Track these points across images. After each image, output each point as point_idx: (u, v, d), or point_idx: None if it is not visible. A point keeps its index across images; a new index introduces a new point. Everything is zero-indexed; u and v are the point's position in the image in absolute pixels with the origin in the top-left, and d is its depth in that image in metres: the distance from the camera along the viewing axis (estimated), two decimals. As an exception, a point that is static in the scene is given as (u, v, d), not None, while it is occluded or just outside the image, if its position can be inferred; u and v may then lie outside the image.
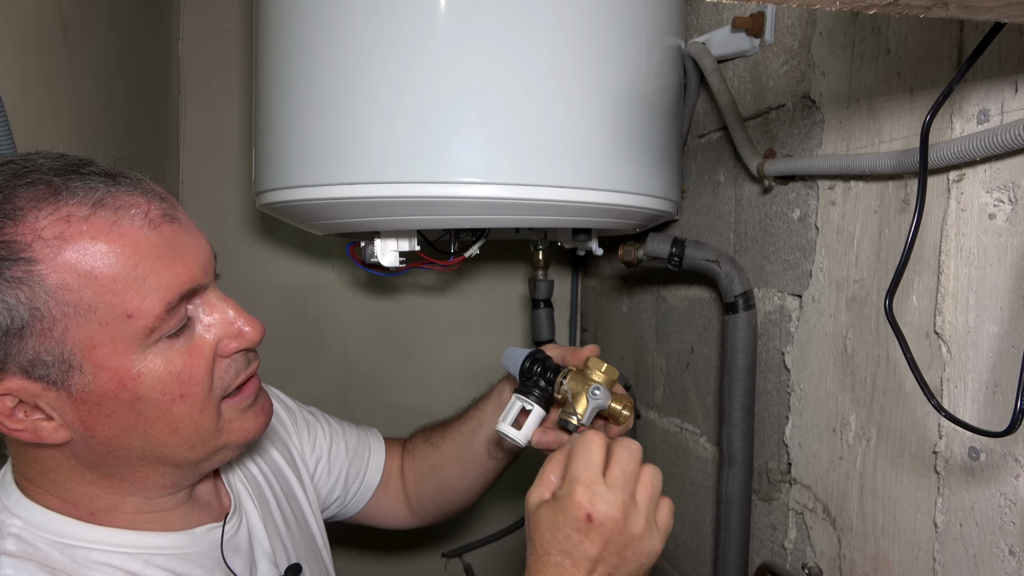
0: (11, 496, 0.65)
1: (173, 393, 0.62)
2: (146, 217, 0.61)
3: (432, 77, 0.94)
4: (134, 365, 0.60)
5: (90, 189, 0.59)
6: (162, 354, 0.61)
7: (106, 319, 0.58)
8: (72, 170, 0.60)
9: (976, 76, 0.68)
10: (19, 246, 0.56)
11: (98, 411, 0.61)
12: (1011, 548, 0.66)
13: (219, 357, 0.66)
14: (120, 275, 0.58)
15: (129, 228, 0.59)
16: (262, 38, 1.07)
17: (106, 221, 0.59)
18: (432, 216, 1.02)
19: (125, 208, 0.60)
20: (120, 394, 0.60)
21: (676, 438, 1.32)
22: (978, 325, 0.69)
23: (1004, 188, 0.67)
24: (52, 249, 0.57)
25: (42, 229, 0.57)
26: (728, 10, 1.10)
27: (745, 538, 1.03)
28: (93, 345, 0.59)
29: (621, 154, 1.01)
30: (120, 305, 0.58)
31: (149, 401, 0.61)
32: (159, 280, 0.60)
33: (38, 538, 0.63)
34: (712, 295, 1.18)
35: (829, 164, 0.86)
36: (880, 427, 0.82)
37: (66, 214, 0.57)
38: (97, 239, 0.58)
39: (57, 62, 1.04)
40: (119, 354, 0.59)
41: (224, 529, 0.75)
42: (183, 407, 0.63)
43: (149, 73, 1.49)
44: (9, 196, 0.57)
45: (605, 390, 0.84)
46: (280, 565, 0.81)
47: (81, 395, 0.60)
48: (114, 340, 0.59)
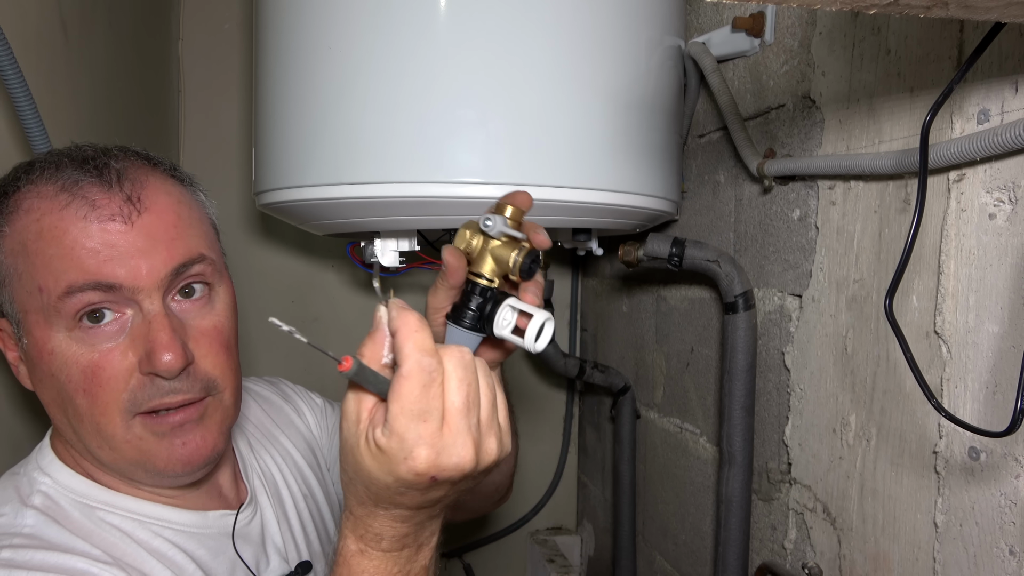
0: (46, 458, 0.71)
1: (76, 384, 0.65)
2: (93, 210, 0.64)
3: (432, 77, 0.94)
4: (50, 341, 0.65)
5: (72, 174, 0.65)
6: (78, 342, 0.65)
7: (28, 288, 0.65)
8: (89, 158, 0.67)
9: (976, 76, 0.68)
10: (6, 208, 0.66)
11: (35, 372, 0.67)
12: (1011, 548, 0.66)
13: (139, 372, 0.66)
14: (43, 251, 0.64)
15: (72, 216, 0.64)
16: (262, 38, 1.07)
17: (58, 204, 0.64)
18: (432, 216, 1.02)
19: (80, 198, 0.65)
20: (40, 364, 0.66)
21: (676, 438, 1.32)
22: (978, 325, 0.69)
23: (1004, 188, 0.67)
24: (16, 217, 0.65)
25: (22, 200, 0.65)
26: (728, 10, 1.10)
27: (745, 538, 1.03)
28: (26, 310, 0.65)
29: (621, 154, 1.01)
30: (36, 278, 0.64)
31: (59, 381, 0.65)
32: (71, 265, 0.63)
33: (63, 497, 0.68)
34: (712, 295, 1.18)
35: (829, 164, 0.86)
36: (880, 427, 0.82)
37: (38, 192, 0.65)
38: (44, 216, 0.64)
39: (57, 62, 1.04)
40: (40, 326, 0.65)
41: (237, 518, 0.77)
42: (85, 401, 0.65)
43: (149, 73, 1.49)
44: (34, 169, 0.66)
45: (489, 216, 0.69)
46: (291, 561, 0.82)
47: (27, 352, 0.67)
48: (36, 311, 0.65)
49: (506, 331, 0.69)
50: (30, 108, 0.81)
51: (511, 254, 0.69)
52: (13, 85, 0.79)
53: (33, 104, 0.82)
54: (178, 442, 0.68)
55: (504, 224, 0.69)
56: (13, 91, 0.80)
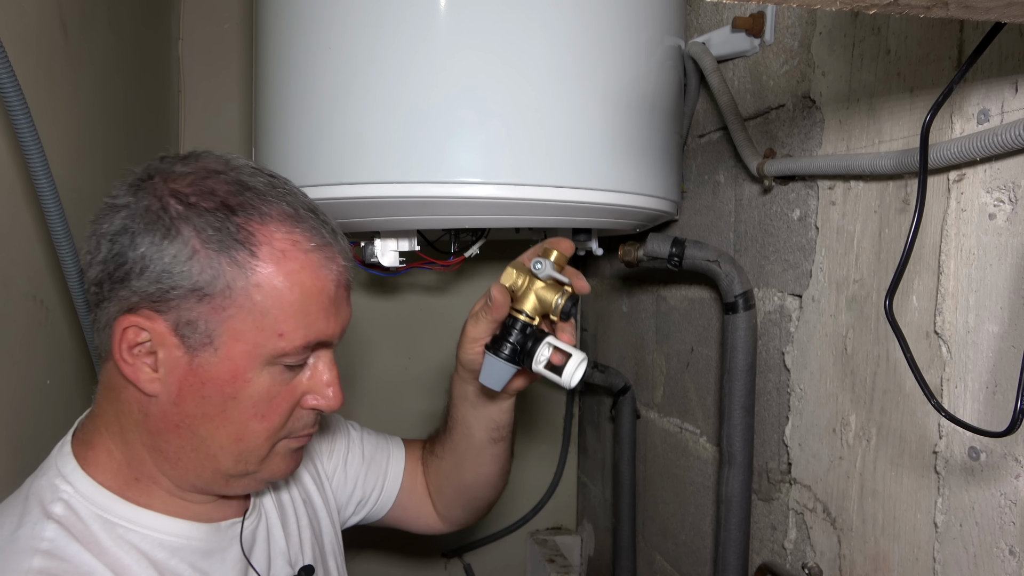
0: (67, 465, 0.70)
1: (258, 411, 0.69)
2: (339, 276, 0.71)
3: (432, 77, 0.94)
4: (250, 371, 0.67)
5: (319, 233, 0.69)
6: (272, 377, 0.68)
7: (263, 327, 0.66)
8: (313, 210, 0.71)
9: (976, 76, 0.68)
10: (253, 240, 0.65)
11: (200, 388, 0.67)
12: (1011, 548, 0.66)
13: (299, 406, 0.72)
14: (296, 304, 0.67)
15: (326, 277, 0.69)
16: (262, 38, 1.07)
17: (316, 262, 0.68)
18: (432, 216, 1.02)
19: (333, 262, 0.70)
20: (225, 386, 0.67)
21: (676, 438, 1.32)
22: (978, 325, 0.69)
23: (1004, 188, 0.67)
24: (272, 257, 0.66)
25: (275, 239, 0.66)
26: (728, 10, 1.10)
27: (745, 538, 1.03)
28: (239, 338, 0.66)
29: (621, 154, 1.01)
30: (279, 323, 0.66)
31: (240, 405, 0.68)
32: (313, 323, 0.68)
33: (83, 508, 0.68)
34: (712, 295, 1.18)
35: (829, 164, 0.86)
36: (880, 427, 0.82)
37: (295, 239, 0.67)
38: (303, 270, 0.67)
39: (57, 62, 1.04)
40: (248, 356, 0.67)
41: (244, 524, 0.78)
42: (257, 426, 0.69)
43: (149, 73, 1.49)
44: (265, 200, 0.68)
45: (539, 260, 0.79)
46: (294, 565, 0.83)
47: (198, 368, 0.66)
48: (254, 344, 0.66)
49: (541, 366, 0.79)
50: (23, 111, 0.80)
51: (554, 297, 0.79)
52: (7, 91, 0.78)
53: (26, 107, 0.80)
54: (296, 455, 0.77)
55: (552, 268, 0.79)
56: (7, 97, 0.79)
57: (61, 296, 1.05)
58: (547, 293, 0.79)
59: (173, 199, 0.65)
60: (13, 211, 0.92)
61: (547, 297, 0.79)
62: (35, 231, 0.98)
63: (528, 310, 0.80)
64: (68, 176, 1.03)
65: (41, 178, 0.85)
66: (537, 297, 0.80)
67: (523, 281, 0.80)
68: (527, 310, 0.80)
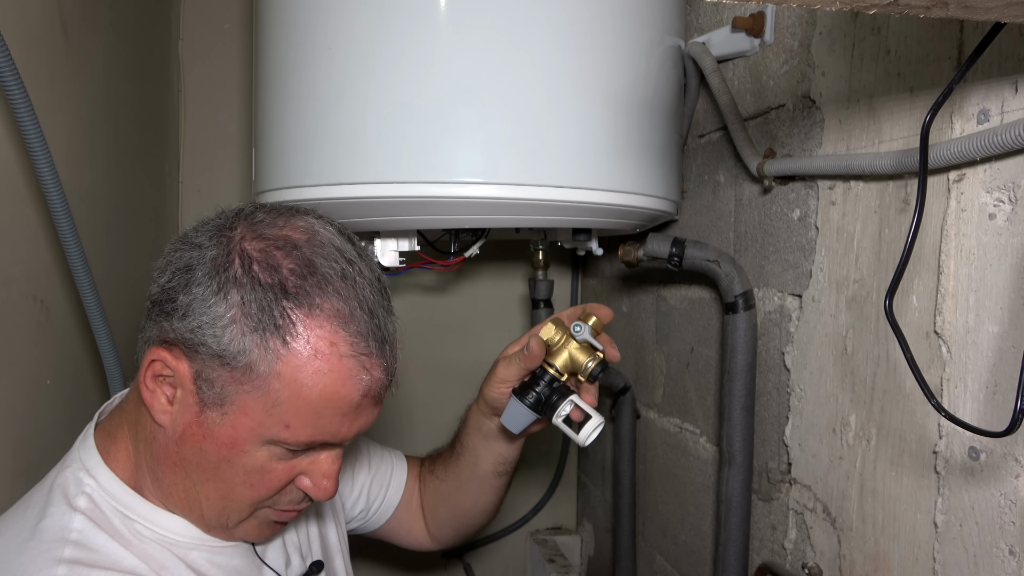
0: (91, 458, 0.72)
1: (250, 481, 0.69)
2: (369, 387, 0.68)
3: (432, 77, 0.94)
4: (249, 445, 0.68)
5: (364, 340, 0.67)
6: (270, 453, 0.69)
7: (273, 413, 0.66)
8: (372, 311, 0.68)
9: (976, 76, 0.68)
10: (293, 330, 0.64)
11: (200, 439, 0.68)
12: (1011, 548, 0.66)
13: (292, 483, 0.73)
14: (312, 404, 0.66)
15: (352, 387, 0.67)
16: (262, 38, 1.07)
17: (348, 369, 0.66)
18: (432, 216, 1.02)
19: (367, 372, 0.67)
20: (222, 449, 0.67)
21: (676, 438, 1.32)
22: (978, 325, 0.69)
23: (1004, 188, 0.67)
24: (303, 352, 0.64)
25: (312, 335, 0.65)
26: (728, 10, 1.10)
27: (745, 538, 1.03)
28: (247, 413, 0.66)
29: (621, 154, 1.01)
30: (289, 416, 0.66)
31: (232, 469, 0.69)
32: (325, 425, 0.68)
33: (105, 502, 0.70)
34: (712, 295, 1.18)
35: (829, 164, 0.86)
36: (880, 427, 0.82)
37: (334, 341, 0.65)
38: (328, 375, 0.65)
39: (57, 62, 1.04)
40: (251, 432, 0.67)
41: None
42: (245, 492, 0.70)
43: (149, 73, 1.49)
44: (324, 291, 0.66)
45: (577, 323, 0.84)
46: (305, 559, 0.86)
47: (204, 422, 0.67)
48: (260, 424, 0.66)
49: (560, 420, 0.85)
50: (28, 112, 0.81)
51: (586, 360, 0.85)
52: (11, 88, 0.79)
53: (31, 107, 0.81)
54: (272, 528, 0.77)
55: (589, 333, 0.85)
56: (11, 95, 0.80)
57: (61, 296, 1.05)
58: (580, 355, 0.85)
59: (239, 259, 0.65)
60: (14, 210, 0.92)
61: (579, 359, 0.85)
62: (36, 231, 0.98)
63: (559, 365, 0.85)
64: (68, 176, 1.03)
65: (47, 175, 0.85)
66: (570, 356, 0.85)
67: (560, 338, 0.85)
68: (558, 365, 0.85)
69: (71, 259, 0.92)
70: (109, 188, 1.24)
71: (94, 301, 0.95)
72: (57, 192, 0.86)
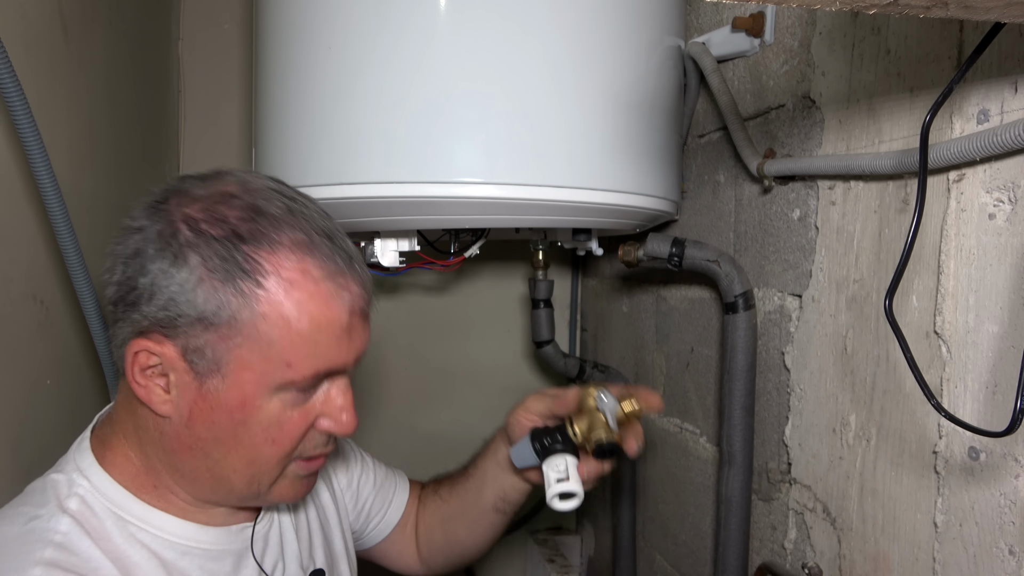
0: (85, 459, 0.72)
1: (270, 435, 0.69)
2: (353, 304, 0.69)
3: (432, 77, 0.94)
4: (259, 398, 0.67)
5: (332, 260, 0.67)
6: (283, 402, 0.68)
7: (271, 356, 0.65)
8: (329, 235, 0.69)
9: (976, 76, 0.68)
10: (260, 269, 0.64)
11: (209, 413, 0.67)
12: (1011, 548, 0.66)
13: (313, 428, 0.72)
14: (305, 334, 0.66)
15: (337, 307, 0.67)
16: (262, 38, 1.07)
17: (327, 292, 0.66)
18: (432, 216, 1.02)
19: (346, 290, 0.68)
20: (234, 412, 0.67)
21: (676, 438, 1.32)
22: (978, 325, 0.69)
23: (1004, 188, 0.67)
24: (280, 287, 0.64)
25: (282, 269, 0.65)
26: (728, 10, 1.10)
27: (745, 538, 1.03)
28: (246, 366, 0.65)
29: (621, 154, 1.01)
30: (287, 354, 0.65)
31: (250, 431, 0.68)
32: (324, 353, 0.67)
33: (98, 503, 0.69)
34: (712, 295, 1.18)
35: (829, 164, 0.86)
36: (880, 427, 0.82)
37: (305, 269, 0.66)
38: (311, 301, 0.65)
39: (57, 62, 1.04)
40: (256, 384, 0.66)
41: (255, 528, 0.79)
42: (269, 450, 0.69)
43: (149, 73, 1.49)
44: (278, 227, 0.66)
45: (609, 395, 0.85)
46: (306, 568, 0.84)
47: (207, 393, 0.66)
48: (263, 373, 0.66)
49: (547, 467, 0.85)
50: (25, 114, 0.81)
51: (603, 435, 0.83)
52: (9, 90, 0.79)
53: (27, 107, 0.81)
54: (307, 481, 0.76)
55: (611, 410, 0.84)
56: (8, 96, 0.79)
57: (61, 296, 1.05)
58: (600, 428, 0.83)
59: (184, 225, 0.65)
60: (13, 210, 0.92)
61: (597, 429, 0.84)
62: (35, 231, 0.98)
63: (579, 427, 0.85)
64: (68, 176, 1.03)
65: (44, 177, 0.85)
66: (589, 423, 0.84)
67: (591, 403, 0.86)
68: (578, 426, 0.85)
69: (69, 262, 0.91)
70: (109, 188, 1.24)
71: (92, 303, 0.95)
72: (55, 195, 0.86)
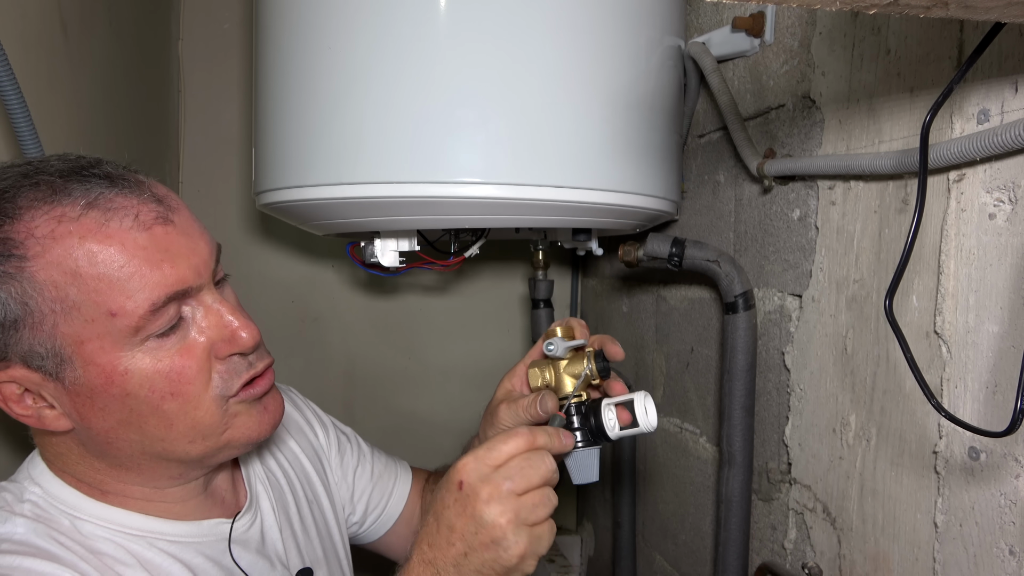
0: (37, 468, 0.70)
1: (162, 391, 0.64)
2: (136, 219, 0.62)
3: (432, 77, 0.94)
4: (121, 362, 0.62)
5: (86, 191, 0.61)
6: (151, 353, 0.63)
7: (91, 316, 0.60)
8: (75, 172, 0.62)
9: (976, 76, 0.68)
10: (12, 243, 0.59)
11: (91, 404, 0.63)
12: (1011, 548, 0.66)
13: (216, 359, 0.67)
14: (104, 274, 0.60)
15: (117, 229, 0.61)
16: (262, 38, 1.07)
17: (95, 222, 0.60)
18: (432, 216, 1.02)
19: (116, 210, 0.61)
20: (109, 389, 0.62)
21: (676, 438, 1.32)
22: (978, 325, 0.69)
23: (1004, 188, 0.67)
24: (42, 247, 0.59)
25: (35, 228, 0.59)
26: (728, 10, 1.10)
27: (745, 538, 1.03)
28: (81, 340, 0.61)
29: (621, 154, 1.01)
30: (104, 304, 0.60)
31: (138, 398, 0.63)
32: (144, 281, 0.61)
33: (52, 507, 0.67)
34: (712, 295, 1.18)
35: (829, 164, 0.86)
36: (880, 427, 0.82)
37: (59, 214, 0.60)
38: (85, 239, 0.60)
39: (57, 62, 1.04)
40: (106, 351, 0.61)
41: (234, 525, 0.76)
42: (174, 404, 0.64)
43: (149, 73, 1.49)
44: (13, 196, 0.60)
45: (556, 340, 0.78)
46: (292, 568, 0.81)
47: (74, 387, 0.62)
48: (100, 337, 0.61)
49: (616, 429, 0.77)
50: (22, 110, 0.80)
51: (583, 366, 0.77)
52: (7, 92, 0.78)
53: (24, 106, 0.81)
54: (261, 407, 0.71)
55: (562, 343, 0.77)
56: (7, 97, 0.79)
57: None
58: (575, 366, 0.78)
59: None
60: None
61: (576, 370, 0.78)
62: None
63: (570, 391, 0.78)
64: (68, 176, 1.03)
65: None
66: (568, 374, 0.78)
67: (549, 374, 0.79)
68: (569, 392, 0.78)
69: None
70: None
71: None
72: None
